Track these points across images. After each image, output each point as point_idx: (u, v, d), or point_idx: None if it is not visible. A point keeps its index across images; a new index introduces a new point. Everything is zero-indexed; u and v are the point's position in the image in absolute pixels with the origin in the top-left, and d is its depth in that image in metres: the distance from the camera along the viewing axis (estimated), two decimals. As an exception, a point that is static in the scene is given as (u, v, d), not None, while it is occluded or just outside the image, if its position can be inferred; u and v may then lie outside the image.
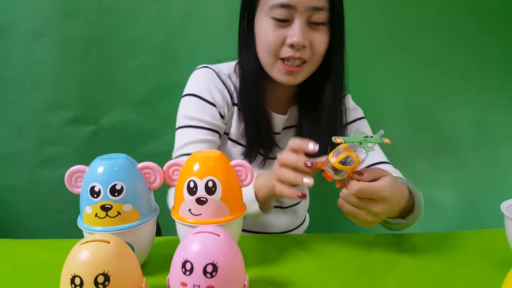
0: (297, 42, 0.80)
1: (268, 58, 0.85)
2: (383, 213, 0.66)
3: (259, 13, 0.85)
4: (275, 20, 0.81)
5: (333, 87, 0.89)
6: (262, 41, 0.85)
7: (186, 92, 0.95)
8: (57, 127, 1.36)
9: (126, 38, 1.33)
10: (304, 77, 0.87)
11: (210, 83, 0.93)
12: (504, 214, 0.65)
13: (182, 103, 0.95)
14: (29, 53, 1.31)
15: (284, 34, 0.82)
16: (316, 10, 0.80)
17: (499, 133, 1.37)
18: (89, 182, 0.59)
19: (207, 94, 0.92)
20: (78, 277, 0.48)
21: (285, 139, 0.98)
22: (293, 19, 0.81)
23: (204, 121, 0.90)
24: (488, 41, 1.32)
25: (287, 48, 0.82)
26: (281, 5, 0.80)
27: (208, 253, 0.50)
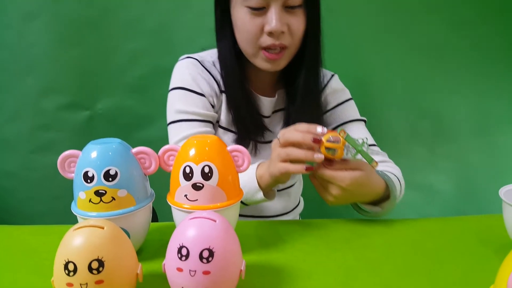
0: (275, 29, 0.80)
1: (250, 48, 0.85)
2: (341, 197, 0.71)
3: (234, 3, 0.84)
4: (251, 9, 0.81)
5: (310, 69, 0.89)
6: (240, 31, 0.84)
7: (172, 86, 0.94)
8: (52, 112, 1.34)
9: (122, 20, 1.30)
10: (286, 62, 0.88)
11: (195, 74, 0.92)
12: (502, 200, 0.64)
13: (170, 98, 0.94)
14: (21, 36, 1.28)
15: (262, 22, 0.81)
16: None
17: (498, 119, 1.36)
18: (83, 167, 0.58)
19: (194, 85, 0.91)
20: (71, 262, 0.47)
21: (275, 122, 0.98)
22: (269, 6, 0.80)
23: (195, 113, 0.89)
24: (488, 27, 1.31)
25: (267, 37, 0.82)
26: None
27: (204, 239, 0.49)
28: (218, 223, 0.51)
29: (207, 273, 0.49)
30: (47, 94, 1.33)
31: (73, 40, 1.31)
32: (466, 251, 0.67)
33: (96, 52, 1.33)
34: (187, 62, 0.94)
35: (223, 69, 0.91)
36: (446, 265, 0.63)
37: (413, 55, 1.34)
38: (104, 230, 0.49)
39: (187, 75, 0.92)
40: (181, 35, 1.32)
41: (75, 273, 0.47)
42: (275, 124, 0.98)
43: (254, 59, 0.87)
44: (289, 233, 0.74)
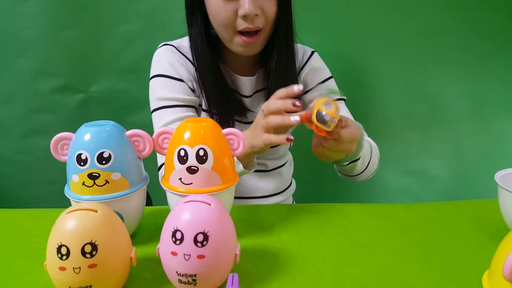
0: (249, 12, 0.80)
1: (226, 33, 0.85)
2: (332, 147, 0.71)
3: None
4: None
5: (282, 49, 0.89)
6: (215, 17, 0.85)
7: (152, 74, 0.94)
8: (46, 95, 1.32)
9: (116, 1, 1.27)
10: (262, 45, 0.88)
11: (173, 59, 0.93)
12: (498, 184, 0.64)
13: (151, 86, 0.95)
14: (13, 17, 1.26)
15: (235, 6, 0.81)
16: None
17: (493, 104, 1.35)
18: (76, 149, 0.57)
19: (172, 71, 0.92)
20: (64, 246, 0.47)
21: (257, 102, 0.99)
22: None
23: (176, 99, 0.90)
24: (483, 11, 1.29)
25: (241, 20, 0.82)
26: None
27: (199, 222, 0.49)
28: (213, 207, 0.50)
29: (202, 257, 0.49)
30: (40, 77, 1.31)
31: (67, 22, 1.28)
32: (462, 236, 0.67)
33: (90, 34, 1.30)
34: (165, 49, 0.95)
35: (195, 55, 0.91)
36: (441, 250, 0.63)
37: (408, 39, 1.32)
38: (98, 214, 0.49)
39: (165, 62, 0.93)
40: (176, 17, 1.29)
41: (68, 257, 0.47)
42: (257, 104, 0.99)
43: (230, 44, 0.87)
44: (284, 218, 0.73)
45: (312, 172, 1.34)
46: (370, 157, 0.92)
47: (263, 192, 1.01)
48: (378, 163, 0.98)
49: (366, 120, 1.27)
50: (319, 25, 1.27)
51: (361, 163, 0.89)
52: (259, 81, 0.98)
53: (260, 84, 0.98)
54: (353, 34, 1.33)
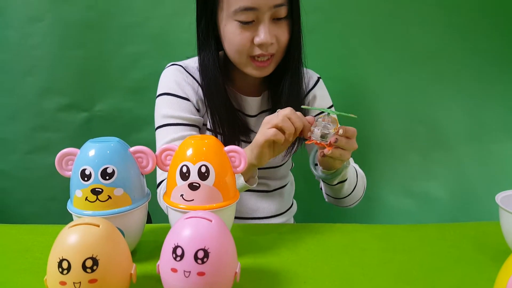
0: (265, 41, 0.84)
1: (240, 58, 0.88)
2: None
3: (222, 16, 0.86)
4: (240, 23, 0.84)
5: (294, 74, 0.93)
6: (230, 44, 0.87)
7: (159, 92, 0.97)
8: (51, 113, 1.34)
9: (122, 24, 1.31)
10: (273, 68, 0.91)
11: (180, 79, 0.95)
12: (499, 205, 0.64)
13: (157, 104, 0.96)
14: (23, 37, 1.29)
15: (251, 35, 0.85)
16: (277, 7, 0.83)
17: (493, 126, 1.36)
18: (80, 165, 0.58)
19: (179, 90, 0.94)
20: (65, 260, 0.47)
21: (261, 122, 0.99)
22: (258, 19, 0.84)
23: (181, 118, 0.92)
24: (482, 34, 1.31)
25: (256, 48, 0.86)
26: (244, 8, 0.82)
27: (200, 239, 0.49)
28: (214, 223, 0.51)
29: (202, 274, 0.48)
30: (46, 95, 1.33)
31: (74, 42, 1.31)
32: (463, 258, 0.67)
33: (97, 55, 1.33)
34: (172, 69, 0.97)
35: (205, 79, 0.93)
36: (442, 272, 0.63)
37: (408, 62, 1.34)
38: (100, 228, 0.49)
39: (172, 81, 0.95)
40: (181, 39, 1.33)
41: (68, 271, 0.47)
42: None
43: (243, 67, 0.90)
44: (285, 237, 0.73)
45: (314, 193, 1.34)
46: (356, 181, 0.96)
47: (264, 213, 1.01)
48: (364, 191, 1.01)
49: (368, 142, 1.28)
50: (322, 48, 1.29)
51: (347, 185, 0.93)
52: (264, 101, 0.99)
53: (265, 104, 1.00)
54: (355, 57, 1.35)
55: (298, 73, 0.94)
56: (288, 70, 0.92)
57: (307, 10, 0.93)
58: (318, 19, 1.29)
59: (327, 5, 1.30)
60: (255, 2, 0.81)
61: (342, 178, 0.90)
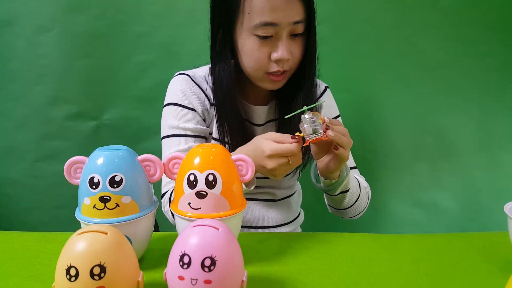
0: (283, 57, 0.84)
1: (256, 74, 0.89)
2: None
3: (241, 30, 0.86)
4: (259, 38, 0.84)
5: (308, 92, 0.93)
6: (248, 58, 0.87)
7: (165, 102, 0.97)
8: (59, 121, 1.35)
9: (130, 33, 1.33)
10: (285, 81, 0.92)
11: (187, 89, 0.95)
12: (507, 216, 0.64)
13: (164, 113, 0.97)
14: (33, 47, 1.31)
15: (269, 50, 0.85)
16: (296, 23, 0.84)
17: (501, 136, 1.35)
18: (89, 173, 0.58)
19: (185, 100, 0.94)
20: (73, 267, 0.47)
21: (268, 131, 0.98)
22: (277, 35, 0.84)
23: (186, 129, 0.93)
24: (490, 44, 1.31)
25: (273, 63, 0.86)
26: (265, 24, 0.82)
27: (207, 247, 0.49)
28: (221, 231, 0.51)
29: (209, 282, 0.48)
30: (55, 104, 1.35)
31: (83, 52, 1.33)
32: (471, 268, 0.66)
33: (105, 64, 1.35)
34: (179, 78, 0.97)
35: (218, 90, 0.92)
36: (450, 282, 0.62)
37: (416, 72, 1.34)
38: (107, 236, 0.49)
39: (179, 91, 0.95)
40: (189, 49, 1.34)
41: (76, 278, 0.47)
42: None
43: (257, 81, 0.91)
44: (292, 246, 0.73)
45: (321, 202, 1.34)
46: (359, 193, 0.95)
47: (271, 222, 1.01)
48: (367, 203, 1.00)
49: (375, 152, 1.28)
50: (329, 59, 1.30)
51: (349, 196, 0.92)
52: (271, 111, 1.00)
53: (272, 114, 1.00)
54: (362, 68, 1.36)
55: (312, 89, 0.94)
56: (303, 87, 0.93)
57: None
58: (325, 30, 1.29)
59: (334, 16, 1.31)
60: (277, 18, 0.81)
61: (344, 188, 0.90)
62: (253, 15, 0.83)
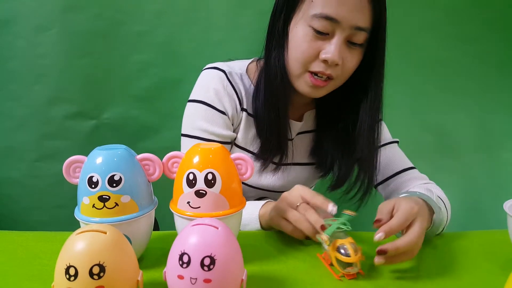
0: (332, 59, 0.77)
1: (297, 68, 0.81)
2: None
3: (298, 17, 0.79)
4: (314, 31, 0.77)
5: (370, 112, 0.85)
6: (294, 48, 0.80)
7: (195, 97, 0.89)
8: (59, 121, 1.35)
9: (129, 33, 1.33)
10: (327, 92, 0.84)
11: (220, 88, 0.88)
12: (507, 213, 0.64)
13: (191, 109, 0.90)
14: (32, 46, 1.31)
15: (320, 47, 0.78)
16: (358, 30, 0.76)
17: (501, 134, 1.36)
18: (88, 172, 0.58)
19: (217, 101, 0.87)
20: (73, 267, 0.47)
21: (297, 143, 0.96)
22: (333, 34, 0.77)
23: (214, 134, 0.87)
24: (490, 42, 1.31)
25: (319, 63, 0.78)
26: (325, 16, 0.75)
27: (206, 246, 0.49)
28: (220, 230, 0.51)
29: (208, 281, 0.48)
30: (54, 103, 1.34)
31: (82, 51, 1.33)
32: (471, 266, 0.66)
33: (104, 63, 1.35)
34: (214, 74, 0.90)
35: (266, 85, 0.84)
36: (450, 280, 0.62)
37: (416, 71, 1.34)
38: (107, 235, 0.49)
39: (212, 89, 0.88)
40: (188, 48, 1.34)
41: (75, 277, 0.47)
42: (297, 146, 0.95)
43: (296, 80, 0.83)
44: (291, 244, 0.73)
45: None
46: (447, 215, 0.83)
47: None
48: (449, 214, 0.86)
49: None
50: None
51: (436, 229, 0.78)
52: (305, 125, 0.95)
53: (305, 126, 0.95)
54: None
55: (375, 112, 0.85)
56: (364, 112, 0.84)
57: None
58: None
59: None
60: (340, 14, 0.74)
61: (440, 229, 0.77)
62: (316, 3, 0.76)
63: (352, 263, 0.60)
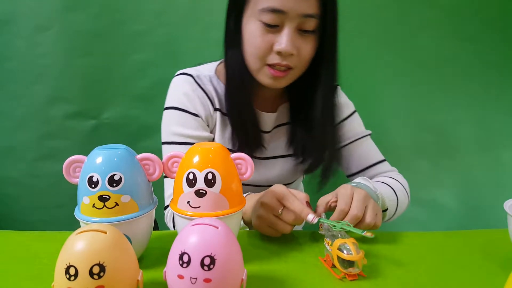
0: (285, 50, 0.78)
1: (255, 63, 0.83)
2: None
3: (247, 14, 0.81)
4: (264, 25, 0.79)
5: (324, 98, 0.87)
6: (249, 44, 0.82)
7: (167, 105, 0.92)
8: (58, 120, 1.35)
9: (129, 32, 1.33)
10: (289, 82, 0.86)
11: (190, 91, 0.90)
12: (507, 213, 0.64)
13: (165, 117, 0.92)
14: (32, 46, 1.31)
15: (272, 40, 0.79)
16: (307, 17, 0.78)
17: (501, 134, 1.36)
18: (88, 172, 0.58)
19: (189, 105, 0.90)
20: (73, 267, 0.47)
21: (276, 137, 0.97)
22: (283, 25, 0.78)
23: (190, 136, 0.89)
24: (490, 41, 1.31)
25: (275, 55, 0.80)
26: (271, 9, 0.77)
27: (206, 245, 0.49)
28: (221, 230, 0.51)
29: (208, 281, 0.48)
30: (54, 103, 1.35)
31: (82, 51, 1.33)
32: (471, 265, 0.66)
33: (104, 63, 1.35)
34: (182, 80, 0.92)
35: (228, 82, 0.87)
36: (450, 280, 0.62)
37: (416, 70, 1.35)
38: (107, 235, 0.49)
39: (181, 94, 0.90)
40: (188, 47, 1.34)
41: (76, 277, 0.47)
42: (276, 139, 0.97)
43: (257, 74, 0.85)
44: (291, 244, 0.73)
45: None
46: (397, 201, 0.89)
47: None
48: (408, 200, 0.95)
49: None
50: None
51: (389, 213, 0.86)
52: (280, 116, 0.96)
53: (281, 119, 0.96)
54: (362, 65, 1.36)
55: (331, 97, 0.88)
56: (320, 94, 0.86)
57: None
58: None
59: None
60: (285, 4, 0.76)
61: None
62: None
63: (354, 263, 0.60)
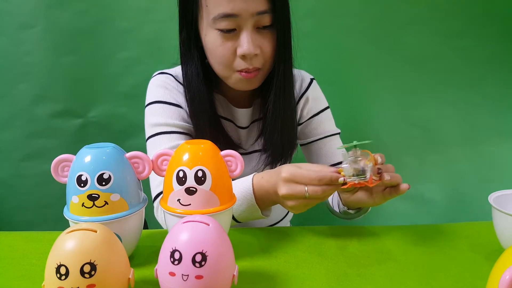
0: (248, 52, 0.78)
1: (224, 71, 0.83)
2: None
3: (204, 26, 0.81)
4: (221, 32, 0.78)
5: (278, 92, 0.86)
6: (213, 55, 0.82)
7: (148, 102, 0.91)
8: (45, 119, 1.34)
9: (115, 30, 1.31)
10: (260, 81, 0.86)
11: (171, 87, 0.90)
12: (491, 206, 0.65)
13: (147, 113, 0.91)
14: (16, 44, 1.29)
15: (234, 45, 0.79)
16: (260, 14, 0.77)
17: (486, 129, 1.38)
18: (76, 171, 0.58)
19: (168, 96, 0.89)
20: (63, 266, 0.47)
21: (254, 132, 0.96)
22: (240, 28, 0.78)
23: (174, 125, 0.87)
24: (475, 38, 1.33)
25: (240, 60, 0.80)
26: (223, 15, 0.76)
27: (197, 242, 0.49)
28: (211, 227, 0.51)
29: (200, 277, 0.49)
30: (40, 102, 1.33)
31: (67, 49, 1.32)
32: (457, 257, 0.68)
33: (90, 61, 1.33)
34: (161, 77, 0.92)
35: (189, 93, 0.87)
36: (437, 271, 0.63)
37: (402, 66, 1.36)
38: (97, 234, 0.49)
39: (161, 88, 0.90)
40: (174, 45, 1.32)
41: (66, 276, 0.47)
42: (254, 135, 0.96)
43: (228, 81, 0.85)
44: (281, 240, 0.74)
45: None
46: None
47: (262, 224, 0.98)
48: None
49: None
50: (316, 53, 1.30)
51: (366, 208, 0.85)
52: (256, 111, 0.96)
53: (257, 114, 0.96)
54: (349, 61, 1.37)
55: (287, 85, 0.87)
56: (275, 82, 0.85)
57: (300, 15, 0.92)
58: (311, 24, 1.30)
59: (320, 10, 1.32)
60: (235, 8, 0.75)
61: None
62: (211, 7, 0.77)
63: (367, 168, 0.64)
